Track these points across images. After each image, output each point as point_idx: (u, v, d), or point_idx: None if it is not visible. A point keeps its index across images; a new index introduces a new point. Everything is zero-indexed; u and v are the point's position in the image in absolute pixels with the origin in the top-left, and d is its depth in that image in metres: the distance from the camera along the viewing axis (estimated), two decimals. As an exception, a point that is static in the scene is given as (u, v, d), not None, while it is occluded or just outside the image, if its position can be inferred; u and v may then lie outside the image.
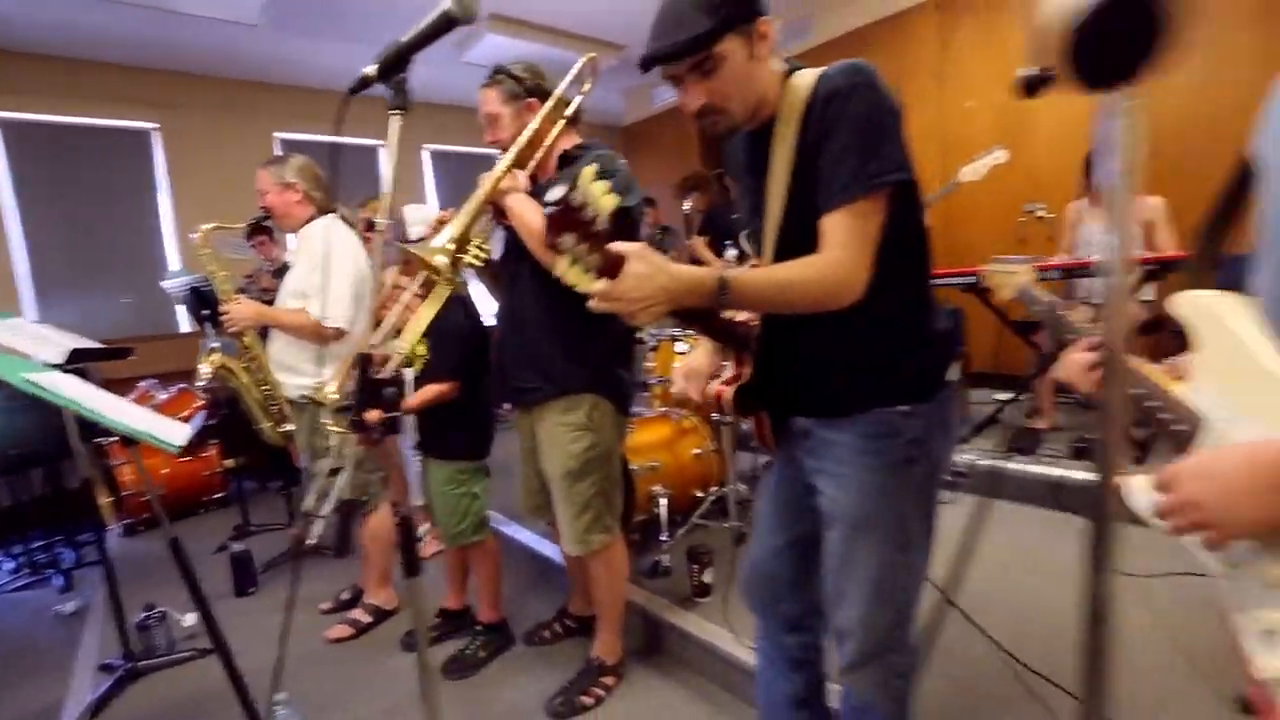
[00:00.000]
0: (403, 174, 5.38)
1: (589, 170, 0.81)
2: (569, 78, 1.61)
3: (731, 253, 4.24)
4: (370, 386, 1.01)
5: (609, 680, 1.86)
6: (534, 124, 1.59)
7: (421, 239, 1.71)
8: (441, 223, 1.56)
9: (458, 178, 6.40)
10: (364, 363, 1.02)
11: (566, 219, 0.79)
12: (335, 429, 1.75)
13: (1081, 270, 2.88)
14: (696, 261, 4.54)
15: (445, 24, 0.91)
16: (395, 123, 0.94)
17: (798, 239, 0.99)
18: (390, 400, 1.01)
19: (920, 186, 1.02)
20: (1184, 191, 2.49)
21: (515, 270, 1.72)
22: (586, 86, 1.65)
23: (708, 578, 2.13)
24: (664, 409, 2.88)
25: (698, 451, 2.63)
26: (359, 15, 4.28)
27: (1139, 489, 0.79)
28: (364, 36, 4.58)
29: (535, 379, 1.72)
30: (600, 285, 0.84)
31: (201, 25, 4.16)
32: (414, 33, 0.91)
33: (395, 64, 0.91)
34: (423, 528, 2.79)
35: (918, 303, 1.07)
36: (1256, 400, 0.68)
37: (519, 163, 1.59)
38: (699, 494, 2.61)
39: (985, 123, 4.17)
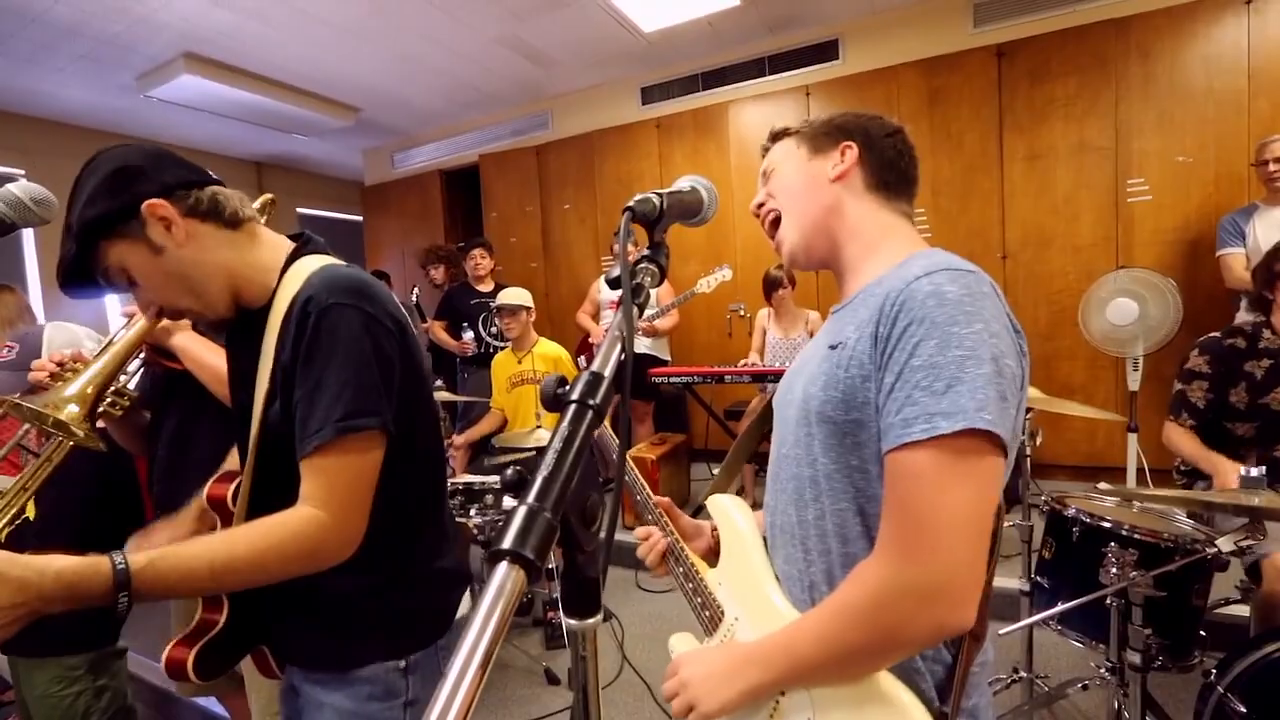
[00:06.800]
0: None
1: None
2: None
3: (469, 335, 4.14)
4: None
5: None
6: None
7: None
8: (76, 361, 1.19)
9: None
10: None
11: None
12: None
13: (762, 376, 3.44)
14: (433, 345, 4.27)
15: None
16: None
17: (279, 464, 0.84)
18: None
19: (423, 425, 0.91)
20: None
21: (175, 415, 1.40)
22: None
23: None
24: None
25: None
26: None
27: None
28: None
29: None
30: None
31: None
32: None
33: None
34: None
35: (419, 544, 0.95)
36: (755, 609, 0.81)
37: None
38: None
39: (698, 231, 4.72)
